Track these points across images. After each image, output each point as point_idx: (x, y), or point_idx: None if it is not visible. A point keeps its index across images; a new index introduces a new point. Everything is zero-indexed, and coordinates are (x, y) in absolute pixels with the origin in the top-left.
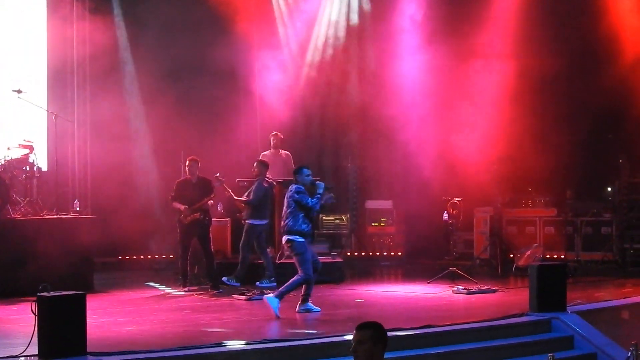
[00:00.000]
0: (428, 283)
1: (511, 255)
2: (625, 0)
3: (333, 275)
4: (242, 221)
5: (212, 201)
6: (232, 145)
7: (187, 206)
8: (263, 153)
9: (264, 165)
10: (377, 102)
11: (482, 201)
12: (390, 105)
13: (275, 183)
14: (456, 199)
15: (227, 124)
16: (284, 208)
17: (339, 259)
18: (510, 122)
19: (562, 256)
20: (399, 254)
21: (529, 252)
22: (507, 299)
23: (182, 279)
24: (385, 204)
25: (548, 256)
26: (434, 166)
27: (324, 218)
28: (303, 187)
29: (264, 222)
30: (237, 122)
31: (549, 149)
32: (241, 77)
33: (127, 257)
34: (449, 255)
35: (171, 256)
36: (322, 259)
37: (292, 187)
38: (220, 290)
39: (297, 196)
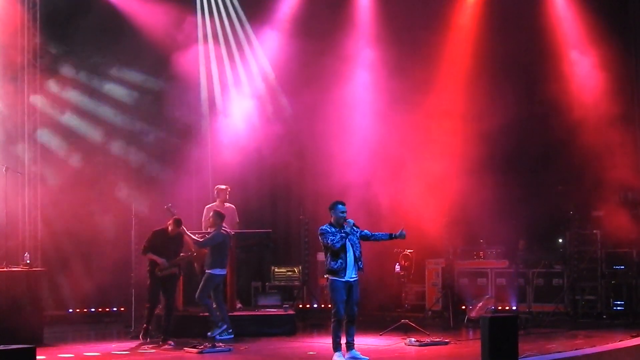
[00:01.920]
0: (380, 335)
1: (463, 307)
2: (584, 60)
3: (285, 327)
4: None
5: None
6: (182, 199)
7: (165, 260)
8: (208, 206)
9: (219, 216)
10: (330, 157)
11: (433, 253)
12: (343, 160)
13: (232, 233)
14: (408, 250)
15: (177, 178)
16: None
17: (290, 312)
18: (462, 174)
19: (514, 308)
20: None
21: (480, 304)
22: (459, 351)
23: (145, 329)
24: None
25: (500, 308)
26: (385, 218)
27: (276, 270)
28: (326, 228)
29: (224, 272)
30: (189, 175)
31: (500, 201)
32: (193, 130)
33: (78, 310)
34: (401, 307)
35: (122, 309)
36: (273, 311)
37: (319, 228)
38: (171, 343)
39: (320, 238)
